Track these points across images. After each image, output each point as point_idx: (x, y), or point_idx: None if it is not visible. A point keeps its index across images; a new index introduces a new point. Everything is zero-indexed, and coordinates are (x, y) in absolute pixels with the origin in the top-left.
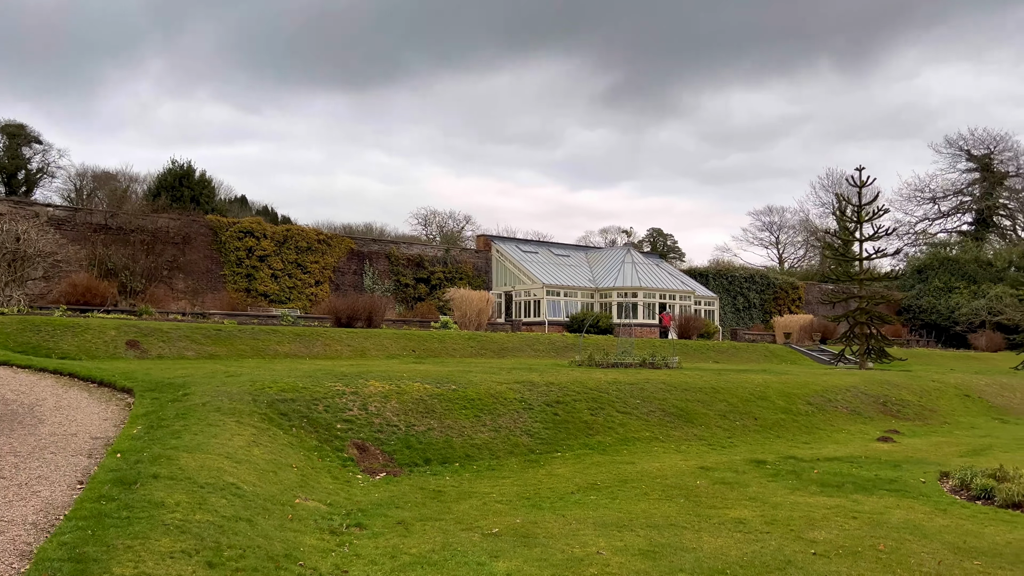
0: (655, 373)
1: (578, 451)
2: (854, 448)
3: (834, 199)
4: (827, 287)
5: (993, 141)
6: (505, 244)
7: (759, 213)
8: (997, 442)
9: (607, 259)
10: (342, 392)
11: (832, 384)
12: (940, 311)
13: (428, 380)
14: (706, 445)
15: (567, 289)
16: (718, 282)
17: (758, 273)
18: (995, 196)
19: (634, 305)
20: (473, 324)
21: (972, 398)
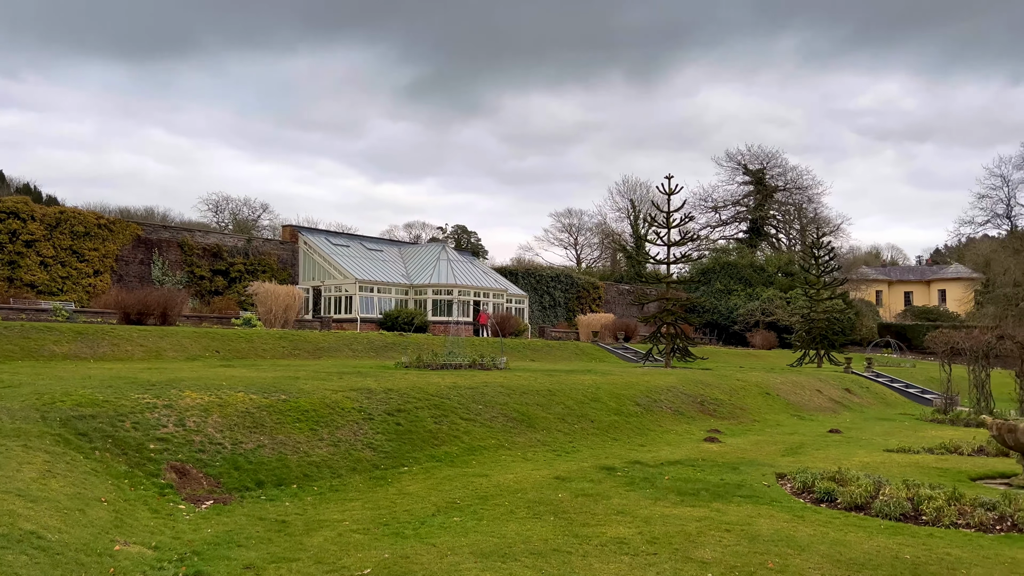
0: (490, 375)
1: (425, 464)
2: (687, 449)
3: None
4: (624, 287)
5: (766, 158)
6: (314, 236)
7: (560, 215)
8: (806, 440)
9: (422, 255)
10: (153, 405)
11: (654, 384)
12: (721, 311)
13: (253, 389)
14: (550, 451)
15: (381, 285)
16: (526, 281)
17: (563, 273)
18: (766, 208)
19: (450, 303)
20: (280, 321)
21: (772, 396)
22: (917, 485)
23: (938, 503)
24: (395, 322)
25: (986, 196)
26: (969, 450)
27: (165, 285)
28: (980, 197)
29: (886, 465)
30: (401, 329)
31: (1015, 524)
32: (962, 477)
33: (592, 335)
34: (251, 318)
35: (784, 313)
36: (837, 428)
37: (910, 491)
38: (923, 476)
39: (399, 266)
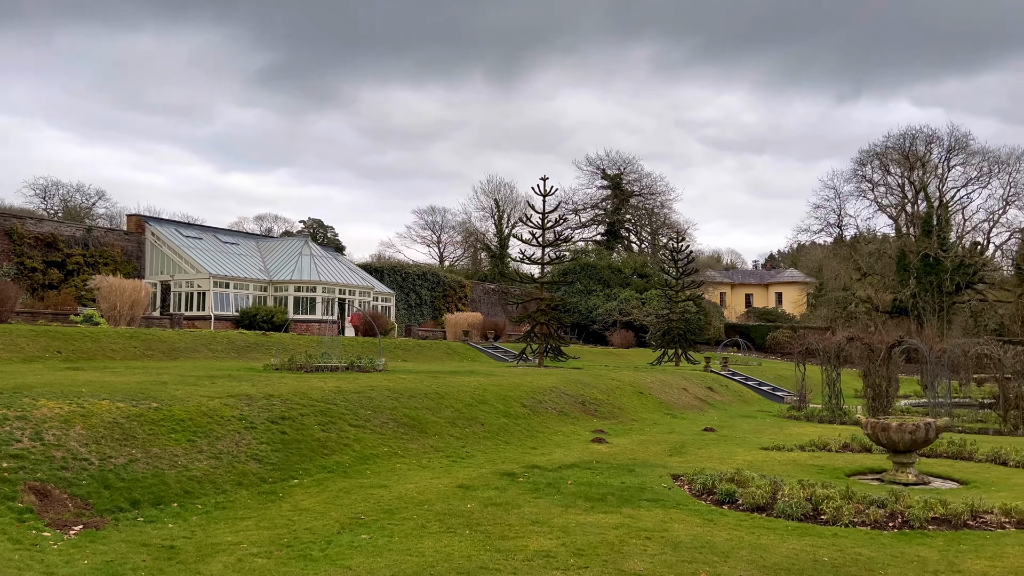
0: (372, 378)
1: (317, 476)
2: (579, 451)
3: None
4: (490, 286)
5: (623, 163)
6: (163, 227)
7: (422, 212)
8: (685, 439)
9: (283, 250)
10: (2, 417)
11: (538, 385)
12: (581, 311)
13: (118, 396)
14: (445, 457)
15: (238, 281)
16: (392, 278)
17: (429, 271)
18: (623, 212)
19: (313, 300)
20: (126, 318)
21: (645, 395)
22: (812, 485)
23: (836, 503)
24: (253, 320)
25: (820, 206)
26: (836, 447)
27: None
28: (815, 207)
29: (768, 463)
30: (259, 328)
31: (906, 521)
32: (839, 473)
33: (462, 334)
34: (93, 315)
35: (640, 313)
36: (711, 426)
37: (805, 491)
38: (804, 474)
39: (257, 261)
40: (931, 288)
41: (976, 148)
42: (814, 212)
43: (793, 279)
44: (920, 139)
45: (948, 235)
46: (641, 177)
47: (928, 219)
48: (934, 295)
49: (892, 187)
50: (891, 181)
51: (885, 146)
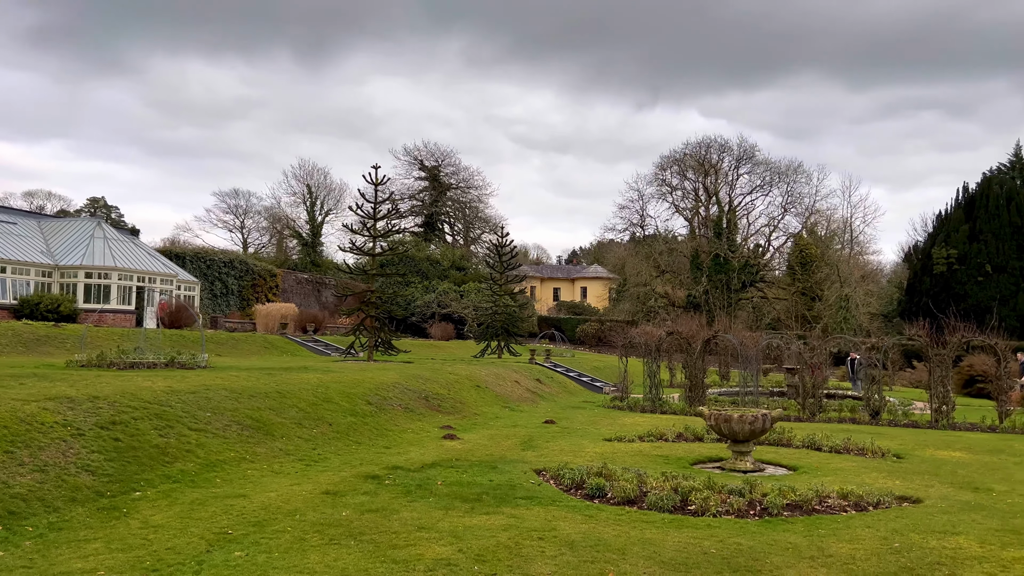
0: (204, 376)
1: (162, 487)
2: (434, 449)
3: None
4: (303, 276)
5: (441, 156)
6: None
7: (225, 195)
8: (531, 432)
9: (70, 231)
10: None
11: (379, 381)
12: (399, 303)
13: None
14: (298, 461)
15: (16, 265)
16: (195, 265)
17: (237, 258)
18: (440, 204)
19: (107, 288)
20: None
21: (482, 388)
22: (675, 477)
23: (704, 494)
24: (35, 309)
25: (625, 207)
26: (671, 436)
27: None
28: (621, 207)
29: (617, 455)
30: (43, 318)
31: (765, 508)
32: (683, 463)
33: (280, 327)
34: None
35: (459, 306)
36: (551, 419)
37: (669, 482)
38: (653, 464)
39: (39, 243)
40: (721, 285)
41: (761, 159)
42: (619, 212)
43: (597, 275)
44: (714, 148)
45: (735, 237)
46: (459, 170)
47: (719, 222)
48: (723, 292)
49: (688, 191)
50: (687, 186)
51: (683, 153)
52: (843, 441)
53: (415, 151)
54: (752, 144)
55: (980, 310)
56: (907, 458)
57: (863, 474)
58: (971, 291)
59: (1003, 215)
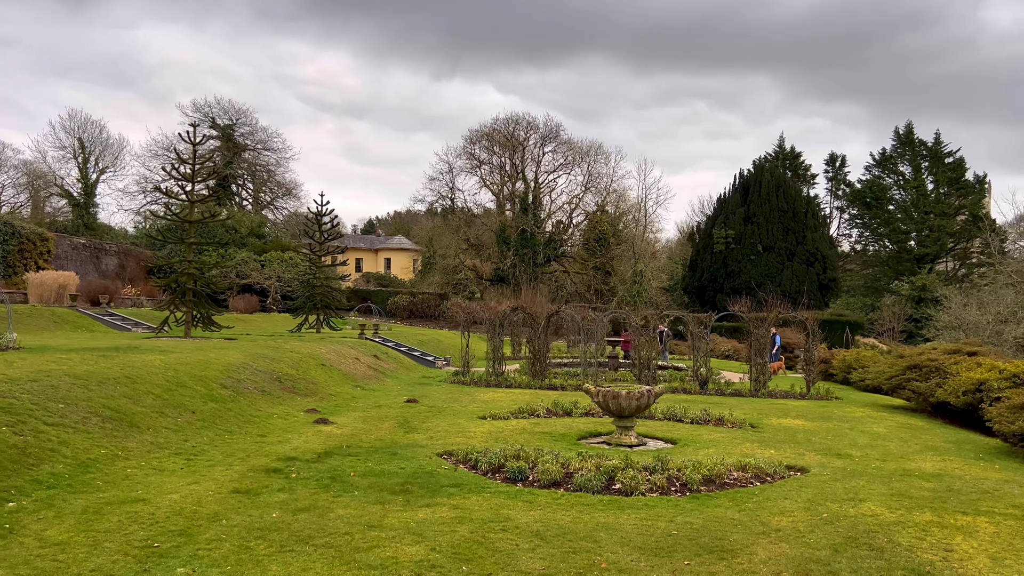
0: (32, 360)
1: (38, 495)
2: (315, 436)
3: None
4: (79, 241)
5: (236, 114)
6: None
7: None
8: (403, 413)
9: None
10: None
11: (227, 362)
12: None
13: None
14: (175, 455)
15: None
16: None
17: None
18: (235, 166)
19: None
20: None
21: (328, 367)
22: (592, 456)
23: (629, 473)
24: None
25: (436, 179)
26: (543, 412)
27: None
28: (431, 179)
29: (504, 433)
30: None
31: (685, 484)
32: (569, 439)
33: (71, 299)
34: None
35: (260, 276)
36: (412, 398)
37: (588, 462)
38: (543, 442)
39: None
40: (527, 260)
41: (565, 138)
42: (429, 184)
43: (402, 246)
44: (521, 125)
45: (540, 214)
46: (255, 131)
47: (525, 198)
48: (529, 266)
49: (496, 166)
50: (495, 161)
51: (492, 128)
52: (701, 412)
53: (205, 107)
54: (558, 124)
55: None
56: (761, 428)
57: (737, 444)
58: (745, 268)
59: (772, 200)
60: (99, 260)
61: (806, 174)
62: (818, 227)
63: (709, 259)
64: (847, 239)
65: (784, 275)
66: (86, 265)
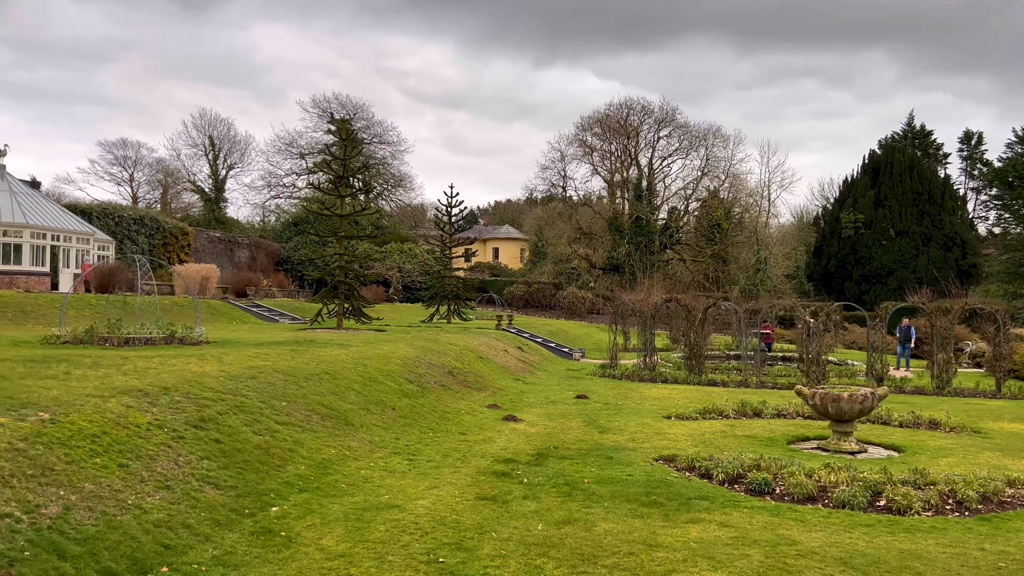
0: (237, 355)
1: (295, 499)
2: (511, 435)
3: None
4: (215, 234)
5: (354, 108)
6: None
7: (111, 145)
8: (584, 410)
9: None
10: None
11: (402, 356)
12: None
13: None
14: (395, 455)
15: None
16: (103, 223)
17: (148, 215)
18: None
19: (18, 247)
20: None
21: (485, 360)
22: (842, 468)
23: (900, 490)
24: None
25: (548, 167)
26: (731, 412)
27: None
28: (543, 168)
29: (706, 436)
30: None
31: (960, 502)
32: (778, 444)
33: (222, 291)
34: None
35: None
36: (582, 393)
37: (837, 474)
38: (750, 446)
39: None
40: (641, 248)
41: (681, 122)
42: (541, 173)
43: (510, 235)
44: (635, 110)
45: (655, 200)
46: (371, 124)
47: (639, 185)
48: (643, 254)
49: (608, 153)
50: (608, 147)
51: (605, 114)
52: (909, 415)
53: (324, 103)
54: (674, 107)
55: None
56: (986, 433)
57: (975, 454)
58: (876, 254)
59: (905, 182)
60: (232, 252)
61: (937, 153)
62: (956, 209)
63: (836, 245)
64: (983, 222)
65: (919, 261)
66: (221, 257)
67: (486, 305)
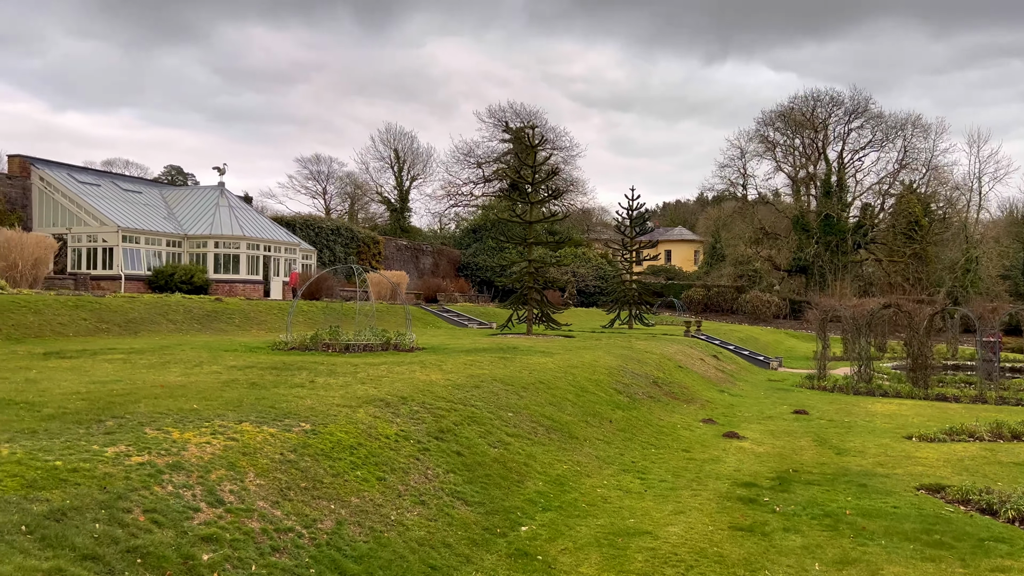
0: (459, 365)
1: (540, 518)
2: (737, 454)
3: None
4: (402, 243)
5: (529, 116)
6: (54, 170)
7: (306, 161)
8: (809, 427)
9: (194, 200)
10: (151, 469)
11: (606, 365)
12: (494, 269)
13: (256, 415)
14: (624, 472)
15: (150, 235)
16: (305, 233)
17: (343, 226)
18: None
19: (236, 258)
20: (27, 279)
21: (685, 369)
22: None
23: None
24: (169, 280)
25: (727, 165)
26: (986, 434)
27: None
28: (721, 166)
29: (965, 461)
30: (177, 289)
31: None
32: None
33: (416, 297)
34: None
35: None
36: (800, 408)
37: None
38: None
39: (164, 212)
40: (831, 247)
41: (875, 112)
42: (719, 171)
43: (683, 237)
44: (823, 102)
45: (846, 197)
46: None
47: (827, 181)
48: (834, 254)
49: (792, 148)
50: (792, 142)
51: (789, 107)
52: None
53: (499, 112)
54: (867, 97)
55: None
56: None
57: None
58: None
59: None
60: (417, 259)
61: None
62: None
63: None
64: None
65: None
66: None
67: (664, 310)
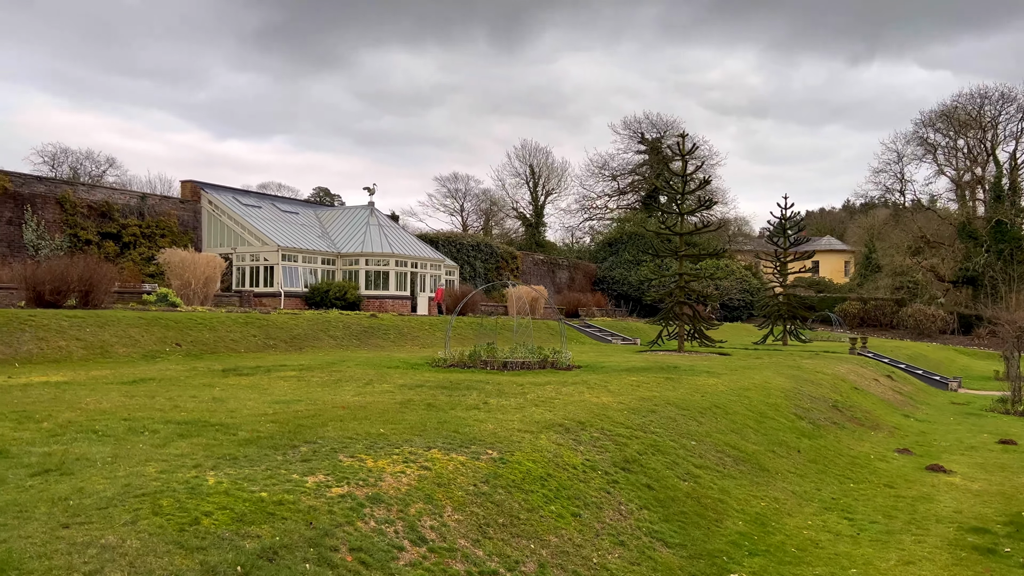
0: (626, 387)
1: (749, 565)
2: (950, 492)
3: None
4: (539, 257)
5: (664, 126)
6: (220, 194)
7: (445, 180)
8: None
9: (346, 219)
10: (351, 500)
11: (779, 387)
12: (631, 282)
13: (443, 441)
14: (829, 511)
15: (306, 253)
16: (446, 249)
17: (483, 242)
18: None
19: (386, 274)
20: (199, 296)
21: (861, 391)
22: None
23: None
24: (324, 297)
25: (882, 170)
26: None
27: (42, 251)
28: (876, 172)
29: None
30: (332, 305)
31: None
32: None
33: (558, 312)
34: (168, 294)
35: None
36: (1006, 438)
37: None
38: None
39: (318, 231)
40: (1004, 256)
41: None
42: (874, 177)
43: (831, 247)
44: (991, 99)
45: (1019, 201)
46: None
47: (998, 184)
48: (1007, 264)
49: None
50: (955, 144)
51: (953, 106)
52: None
53: (634, 123)
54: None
55: None
56: None
57: None
58: None
59: None
60: (554, 274)
61: None
62: None
63: None
64: None
65: None
66: (544, 279)
67: (819, 325)
